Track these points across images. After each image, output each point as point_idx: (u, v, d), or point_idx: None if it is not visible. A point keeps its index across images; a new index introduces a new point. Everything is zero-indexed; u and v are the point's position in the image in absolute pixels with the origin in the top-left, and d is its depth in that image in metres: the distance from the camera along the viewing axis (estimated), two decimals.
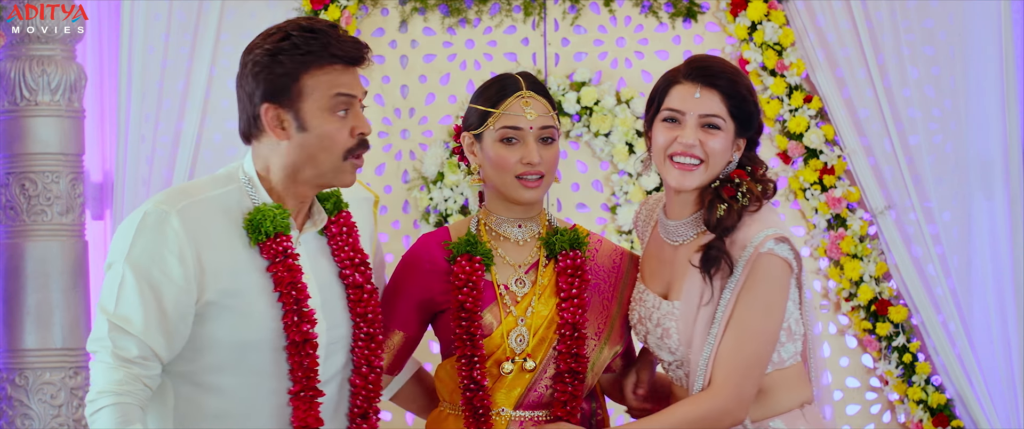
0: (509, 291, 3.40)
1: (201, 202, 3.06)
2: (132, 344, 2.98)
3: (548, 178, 3.38)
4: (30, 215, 5.60)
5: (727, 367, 3.24)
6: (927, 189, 5.85)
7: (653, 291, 3.37)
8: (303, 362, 3.06)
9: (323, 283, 3.16)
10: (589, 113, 5.99)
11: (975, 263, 5.85)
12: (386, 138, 6.05)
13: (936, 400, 5.85)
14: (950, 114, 5.87)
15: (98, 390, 2.97)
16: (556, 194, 6.02)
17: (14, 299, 5.61)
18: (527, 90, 3.38)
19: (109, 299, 3.01)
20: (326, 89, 3.05)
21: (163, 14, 5.81)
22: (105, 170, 5.88)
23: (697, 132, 3.29)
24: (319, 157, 3.07)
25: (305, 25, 3.08)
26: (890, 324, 5.88)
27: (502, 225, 3.44)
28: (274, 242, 3.07)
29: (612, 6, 6.03)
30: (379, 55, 6.08)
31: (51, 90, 5.61)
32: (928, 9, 5.88)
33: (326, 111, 3.06)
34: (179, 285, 2.99)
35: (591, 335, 3.39)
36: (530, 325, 3.37)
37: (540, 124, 3.36)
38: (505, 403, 3.37)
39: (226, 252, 3.05)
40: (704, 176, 3.30)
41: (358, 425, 3.19)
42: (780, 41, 5.90)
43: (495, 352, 3.36)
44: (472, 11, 6.04)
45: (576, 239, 3.41)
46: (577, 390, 3.34)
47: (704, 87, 3.30)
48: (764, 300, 3.25)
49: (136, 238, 3.01)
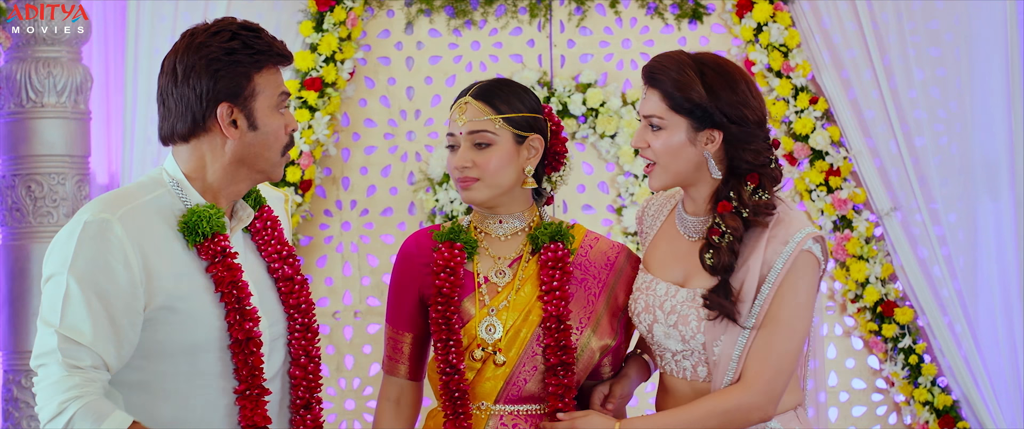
0: (489, 282, 3.40)
1: (138, 208, 3.03)
2: (84, 354, 2.93)
3: (488, 180, 3.36)
4: (36, 217, 5.60)
5: (760, 362, 3.23)
6: (933, 190, 5.85)
7: (666, 280, 3.34)
8: (248, 360, 3.05)
9: (256, 280, 3.16)
10: (595, 115, 5.99)
11: (981, 264, 5.85)
12: (392, 140, 6.05)
13: (942, 401, 5.84)
14: (956, 115, 5.87)
15: (59, 401, 2.91)
16: (562, 196, 6.02)
17: (20, 301, 5.61)
18: (467, 96, 3.39)
19: (53, 312, 2.96)
20: (273, 88, 3.09)
21: (168, 16, 5.82)
22: (111, 172, 5.89)
23: (645, 133, 3.30)
24: (264, 154, 3.09)
25: (244, 24, 3.10)
26: (896, 325, 5.88)
27: (484, 221, 3.46)
28: (211, 242, 3.05)
29: (618, 8, 6.03)
30: (384, 57, 6.08)
31: (57, 92, 5.62)
32: (934, 10, 5.88)
33: (272, 109, 3.09)
34: (126, 291, 2.96)
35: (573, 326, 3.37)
36: (503, 316, 3.37)
37: (468, 129, 3.36)
38: (486, 397, 3.37)
39: (167, 256, 3.02)
40: (663, 176, 3.30)
41: (301, 417, 3.17)
42: (786, 42, 5.90)
43: (470, 344, 3.36)
44: (478, 13, 6.04)
45: (559, 232, 3.40)
46: (570, 381, 3.33)
47: (648, 87, 3.30)
48: (802, 297, 3.25)
49: (79, 248, 2.96)
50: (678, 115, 3.26)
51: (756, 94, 3.30)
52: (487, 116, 3.37)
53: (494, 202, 3.41)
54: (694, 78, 3.25)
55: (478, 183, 3.37)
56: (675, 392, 3.36)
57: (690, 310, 3.28)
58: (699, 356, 3.29)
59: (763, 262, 3.25)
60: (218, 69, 3.05)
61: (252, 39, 3.07)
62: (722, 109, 3.25)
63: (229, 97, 3.06)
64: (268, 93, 3.07)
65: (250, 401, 3.06)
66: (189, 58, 3.07)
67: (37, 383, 2.97)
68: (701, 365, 3.30)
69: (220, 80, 3.05)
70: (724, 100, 3.25)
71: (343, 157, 6.09)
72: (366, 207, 6.10)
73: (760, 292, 3.24)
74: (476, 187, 3.37)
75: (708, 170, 3.30)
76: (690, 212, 3.37)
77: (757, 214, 3.26)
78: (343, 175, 6.09)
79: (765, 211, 3.26)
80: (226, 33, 3.08)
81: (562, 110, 5.98)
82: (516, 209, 3.44)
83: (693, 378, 3.31)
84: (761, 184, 3.28)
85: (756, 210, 3.26)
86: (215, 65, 3.05)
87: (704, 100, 3.24)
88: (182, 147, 3.11)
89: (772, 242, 3.25)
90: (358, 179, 6.09)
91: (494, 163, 3.36)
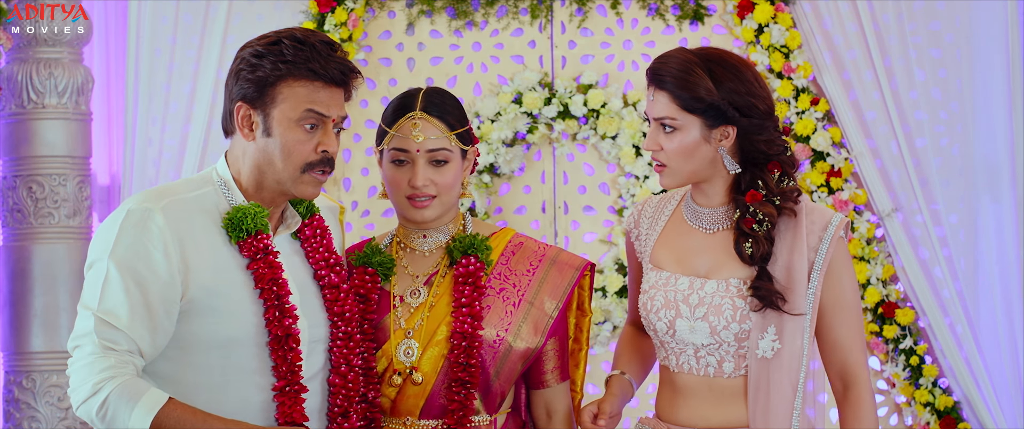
0: (404, 303, 3.39)
1: (181, 201, 3.09)
2: (120, 338, 2.98)
3: (444, 198, 3.35)
4: (37, 218, 5.61)
5: (857, 353, 3.28)
6: (934, 191, 5.84)
7: (688, 274, 3.32)
8: (286, 357, 3.08)
9: (300, 284, 3.19)
10: (596, 116, 5.99)
11: (982, 265, 5.85)
12: None
13: (943, 403, 5.84)
14: (957, 116, 5.87)
15: (94, 382, 2.96)
16: (563, 197, 6.02)
17: (21, 302, 5.61)
18: (419, 111, 3.34)
19: (92, 296, 3.01)
20: (298, 101, 3.08)
21: (170, 17, 5.82)
22: (112, 173, 5.89)
23: (657, 135, 3.28)
24: (277, 165, 3.10)
25: (300, 36, 3.11)
26: (897, 326, 5.87)
27: (409, 235, 3.44)
28: (254, 239, 3.10)
29: (619, 9, 6.03)
30: (386, 58, 6.09)
31: (58, 93, 5.62)
32: (935, 11, 5.88)
33: (293, 122, 3.09)
34: (164, 280, 3.01)
35: (491, 339, 3.34)
36: (419, 337, 3.35)
37: (428, 147, 3.33)
38: (410, 413, 3.36)
39: (207, 250, 3.07)
40: (676, 176, 3.28)
41: (338, 425, 3.20)
42: (787, 43, 5.90)
43: (388, 367, 3.35)
44: (479, 14, 6.04)
45: (472, 246, 3.38)
46: (467, 399, 3.31)
47: (656, 89, 3.27)
48: (853, 280, 3.30)
49: (120, 235, 3.02)
50: (690, 114, 3.24)
51: (762, 83, 3.29)
52: (444, 134, 3.35)
53: (442, 219, 3.39)
54: (702, 75, 3.23)
55: (435, 201, 3.35)
56: (688, 391, 3.33)
57: (723, 300, 3.26)
58: (728, 349, 3.27)
59: (808, 248, 3.26)
60: (243, 70, 3.11)
61: (293, 49, 3.08)
62: (734, 103, 3.23)
63: (246, 99, 3.11)
64: (290, 104, 3.08)
65: (288, 398, 3.09)
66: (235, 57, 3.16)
67: (71, 364, 3.02)
68: (728, 360, 3.28)
69: (241, 81, 3.11)
70: (734, 94, 3.23)
71: (344, 158, 6.09)
72: (367, 208, 6.11)
73: (810, 279, 3.25)
74: (433, 205, 3.35)
75: (723, 165, 3.29)
76: (703, 205, 3.35)
77: (786, 201, 3.27)
78: (344, 176, 6.09)
79: (794, 197, 3.28)
80: (273, 37, 3.12)
81: (563, 111, 5.98)
82: (446, 221, 3.42)
83: (716, 374, 3.29)
84: (784, 171, 3.28)
85: (785, 197, 3.27)
86: (242, 66, 3.11)
87: (715, 97, 3.22)
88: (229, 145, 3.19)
89: (812, 227, 3.27)
90: (359, 180, 6.09)
91: (448, 179, 3.35)
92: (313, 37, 3.11)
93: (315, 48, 3.09)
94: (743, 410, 3.29)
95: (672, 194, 3.46)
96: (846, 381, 3.30)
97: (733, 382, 3.29)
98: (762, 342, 3.25)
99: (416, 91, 3.40)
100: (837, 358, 3.30)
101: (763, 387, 3.26)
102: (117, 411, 2.95)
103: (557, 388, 3.48)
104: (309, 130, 3.10)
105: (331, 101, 3.12)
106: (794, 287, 3.23)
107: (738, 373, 3.28)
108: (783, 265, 3.25)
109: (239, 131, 3.13)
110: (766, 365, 3.26)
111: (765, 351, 3.25)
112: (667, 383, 3.39)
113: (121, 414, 2.95)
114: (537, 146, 6.07)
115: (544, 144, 6.08)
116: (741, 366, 3.28)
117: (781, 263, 3.26)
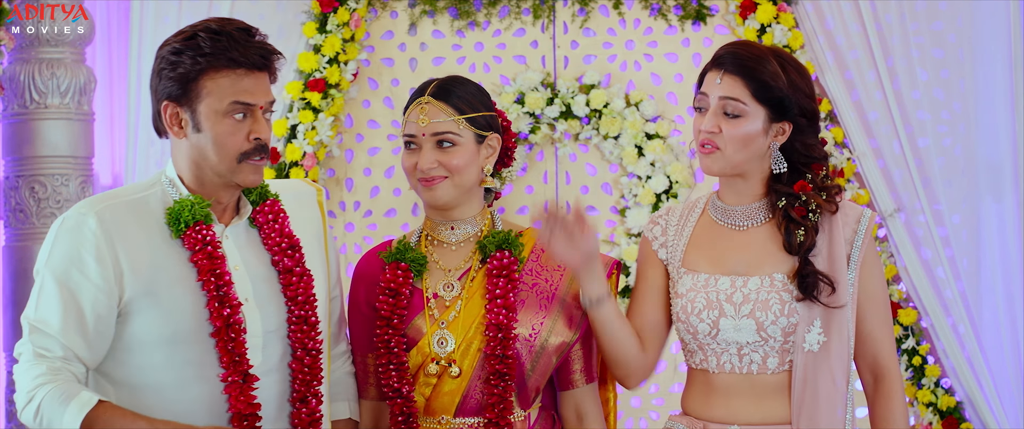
0: (438, 298, 3.40)
1: (121, 204, 3.10)
2: (52, 344, 3.01)
3: (455, 179, 3.37)
4: (40, 218, 5.60)
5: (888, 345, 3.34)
6: (936, 192, 5.84)
7: (727, 274, 3.33)
8: (229, 346, 3.06)
9: (256, 275, 3.18)
10: (598, 116, 5.99)
11: (985, 266, 5.85)
12: (395, 141, 6.05)
13: (946, 403, 5.84)
14: (959, 116, 5.87)
15: (28, 389, 3.00)
16: (565, 197, 6.02)
17: (23, 302, 5.61)
18: (426, 96, 3.39)
19: (30, 305, 3.06)
20: (223, 93, 3.07)
21: (172, 17, 5.81)
22: (115, 173, 5.89)
23: (717, 118, 3.29)
24: (212, 159, 3.10)
25: (215, 27, 3.10)
26: (900, 327, 5.87)
27: (437, 228, 3.45)
28: (193, 231, 3.09)
29: (621, 9, 6.03)
30: (388, 58, 6.08)
31: (61, 93, 5.62)
32: (937, 12, 5.88)
33: (221, 114, 3.08)
34: (98, 285, 3.02)
35: (526, 335, 3.36)
36: (454, 330, 3.36)
37: (432, 130, 3.36)
38: (445, 411, 3.36)
39: (145, 250, 3.07)
40: (722, 162, 3.30)
41: (298, 410, 3.17)
42: (789, 44, 5.90)
43: (424, 360, 3.35)
44: (481, 14, 6.04)
45: (506, 240, 3.40)
46: (506, 392, 3.31)
47: (726, 73, 3.28)
48: (883, 273, 3.36)
49: (56, 243, 3.06)
50: (759, 104, 3.27)
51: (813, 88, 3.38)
52: (451, 117, 3.37)
53: (456, 201, 3.40)
54: (779, 70, 3.28)
55: (445, 182, 3.37)
56: (727, 389, 3.33)
57: (770, 295, 3.28)
58: (774, 345, 3.29)
59: (844, 240, 3.30)
60: (163, 69, 3.10)
61: (210, 40, 3.07)
62: (799, 103, 3.29)
63: (172, 97, 3.09)
64: (216, 97, 3.07)
65: (235, 388, 3.07)
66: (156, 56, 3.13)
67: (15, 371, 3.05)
68: (772, 355, 3.29)
69: (163, 79, 3.10)
70: (800, 93, 3.29)
71: (346, 158, 6.09)
72: (369, 208, 6.11)
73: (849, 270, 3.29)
74: (442, 186, 3.37)
75: (769, 161, 3.33)
76: (734, 203, 3.37)
77: (830, 196, 3.32)
78: (346, 176, 6.09)
79: (838, 194, 3.33)
80: (186, 33, 3.11)
81: (566, 111, 5.98)
82: (471, 212, 3.44)
83: (760, 371, 3.30)
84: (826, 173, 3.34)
85: (830, 192, 3.32)
86: (162, 65, 3.10)
87: (786, 93, 3.27)
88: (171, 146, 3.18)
89: (846, 220, 3.32)
90: (361, 180, 6.09)
91: (458, 161, 3.36)
92: (229, 25, 3.10)
93: (232, 36, 3.08)
94: (784, 407, 3.30)
95: (695, 202, 3.47)
96: (877, 374, 3.35)
97: (776, 378, 3.30)
98: (808, 335, 3.28)
99: (433, 79, 3.44)
100: (869, 351, 3.34)
101: (810, 381, 3.28)
102: (51, 415, 2.97)
103: (586, 389, 3.48)
104: (239, 120, 3.09)
105: (256, 88, 3.10)
106: (838, 277, 3.28)
107: (782, 368, 3.30)
108: (825, 256, 3.30)
109: (169, 130, 3.12)
110: (813, 359, 3.28)
111: (812, 345, 3.28)
112: (702, 384, 3.39)
113: (54, 417, 2.96)
114: (539, 146, 6.07)
115: (546, 144, 6.08)
116: (785, 361, 3.30)
117: (823, 255, 3.30)
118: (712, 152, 3.30)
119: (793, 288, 3.27)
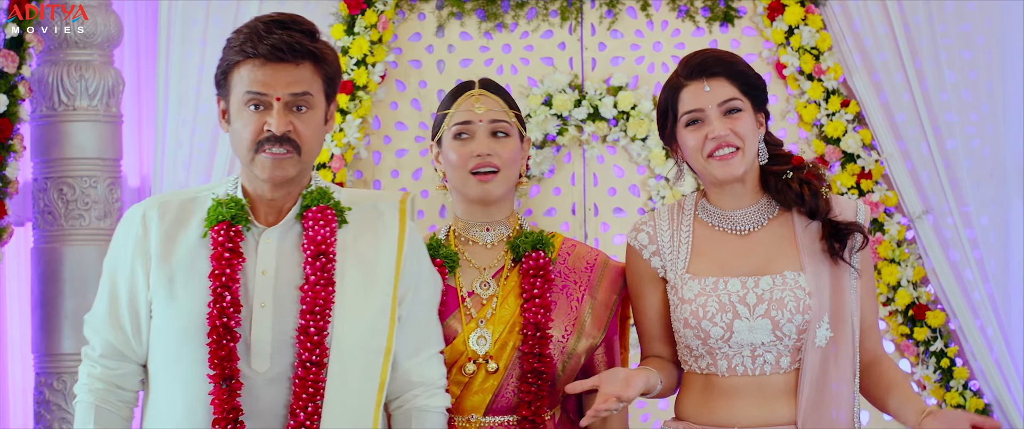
0: (473, 296, 3.40)
1: (175, 200, 3.18)
2: (95, 338, 3.15)
3: (506, 172, 3.38)
4: (68, 220, 5.61)
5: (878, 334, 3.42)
6: (964, 193, 5.84)
7: (737, 276, 3.33)
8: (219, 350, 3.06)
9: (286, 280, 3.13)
10: (626, 118, 5.99)
11: (1013, 267, 5.84)
12: (422, 143, 6.06)
13: (974, 405, 5.83)
14: (987, 118, 5.86)
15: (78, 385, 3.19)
16: (593, 199, 6.02)
17: (52, 303, 5.62)
18: (479, 88, 3.43)
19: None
20: (242, 85, 3.09)
21: (200, 19, 5.82)
22: (143, 175, 5.90)
23: (723, 121, 3.30)
24: (238, 150, 3.14)
25: (252, 21, 3.12)
26: (928, 329, 5.87)
27: (470, 229, 3.45)
28: (218, 230, 3.10)
29: (649, 11, 6.03)
30: (415, 60, 6.09)
31: (89, 95, 5.63)
32: (965, 13, 5.87)
33: (241, 106, 3.10)
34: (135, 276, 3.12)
35: (558, 337, 3.37)
36: (492, 327, 3.36)
37: (490, 118, 3.38)
38: (475, 409, 3.35)
39: (180, 245, 3.12)
40: (743, 161, 3.31)
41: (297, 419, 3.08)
42: (817, 45, 5.89)
43: (458, 359, 3.35)
44: (509, 16, 6.04)
45: (540, 241, 3.41)
46: (542, 390, 3.32)
47: (709, 78, 3.31)
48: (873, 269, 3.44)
49: (114, 238, 3.20)
50: (746, 97, 3.33)
51: None
52: (503, 108, 3.42)
53: (504, 198, 3.42)
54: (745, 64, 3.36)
55: (499, 176, 3.38)
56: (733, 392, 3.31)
57: (784, 293, 3.28)
58: (788, 343, 3.29)
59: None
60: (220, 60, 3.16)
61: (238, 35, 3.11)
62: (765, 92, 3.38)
63: (218, 91, 3.16)
64: (238, 89, 3.10)
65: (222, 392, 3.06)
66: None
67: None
68: (785, 355, 3.29)
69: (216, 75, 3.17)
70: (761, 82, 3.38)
71: (374, 160, 6.10)
72: None
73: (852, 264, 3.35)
74: (497, 180, 3.38)
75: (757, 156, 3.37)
76: (732, 207, 3.38)
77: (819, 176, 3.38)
78: (374, 178, 6.10)
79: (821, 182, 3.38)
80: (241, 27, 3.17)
81: (593, 113, 5.98)
82: (506, 213, 3.45)
83: (773, 371, 3.30)
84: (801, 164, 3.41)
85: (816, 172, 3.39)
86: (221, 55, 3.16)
87: (759, 83, 3.35)
88: None
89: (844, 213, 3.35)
90: (389, 182, 6.10)
91: (510, 154, 3.39)
92: (263, 19, 3.10)
93: (255, 29, 3.08)
94: (788, 407, 3.29)
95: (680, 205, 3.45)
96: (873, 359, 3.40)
97: (784, 378, 3.30)
98: (819, 331, 3.28)
99: (469, 79, 3.48)
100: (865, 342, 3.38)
101: (820, 377, 3.28)
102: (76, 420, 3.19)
103: None
104: (254, 111, 3.09)
105: (272, 79, 3.06)
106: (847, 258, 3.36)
107: (793, 367, 3.30)
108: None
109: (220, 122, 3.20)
110: (823, 354, 3.28)
111: (821, 340, 3.28)
112: (702, 387, 3.37)
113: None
114: (567, 148, 6.07)
115: (574, 146, 6.08)
116: (796, 360, 3.30)
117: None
118: (735, 154, 3.31)
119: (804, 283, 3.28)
